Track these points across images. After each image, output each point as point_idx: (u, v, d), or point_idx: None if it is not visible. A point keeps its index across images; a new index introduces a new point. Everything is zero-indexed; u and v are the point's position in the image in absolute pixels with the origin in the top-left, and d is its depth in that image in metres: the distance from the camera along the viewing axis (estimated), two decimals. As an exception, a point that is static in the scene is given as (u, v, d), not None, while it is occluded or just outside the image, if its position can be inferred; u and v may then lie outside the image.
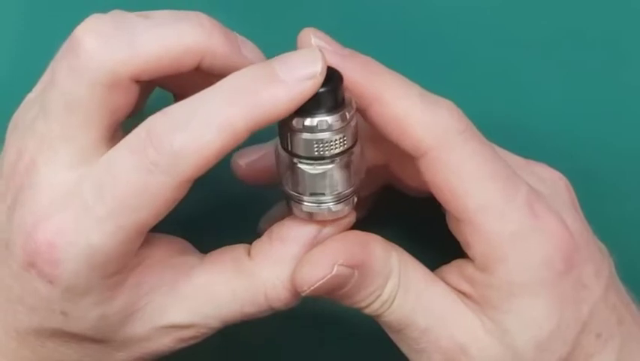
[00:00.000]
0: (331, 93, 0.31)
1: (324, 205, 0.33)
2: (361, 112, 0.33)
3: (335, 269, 0.33)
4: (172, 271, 0.34)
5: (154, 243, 0.34)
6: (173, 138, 0.30)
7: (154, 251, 0.34)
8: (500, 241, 0.33)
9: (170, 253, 0.35)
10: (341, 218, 0.34)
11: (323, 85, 0.31)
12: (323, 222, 0.34)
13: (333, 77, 0.32)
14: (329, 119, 0.32)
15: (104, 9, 0.32)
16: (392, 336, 0.35)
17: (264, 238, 0.34)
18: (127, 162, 0.31)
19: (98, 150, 0.32)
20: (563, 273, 0.33)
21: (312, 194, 0.33)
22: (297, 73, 0.31)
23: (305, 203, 0.33)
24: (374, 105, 0.32)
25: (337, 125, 0.32)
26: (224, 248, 0.35)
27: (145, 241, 0.33)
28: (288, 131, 0.32)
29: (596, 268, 0.34)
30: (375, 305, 0.34)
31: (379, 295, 0.34)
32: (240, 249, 0.35)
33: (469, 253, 0.34)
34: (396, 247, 0.35)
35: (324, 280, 0.33)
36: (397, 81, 0.33)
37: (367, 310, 0.34)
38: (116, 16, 0.32)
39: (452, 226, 0.35)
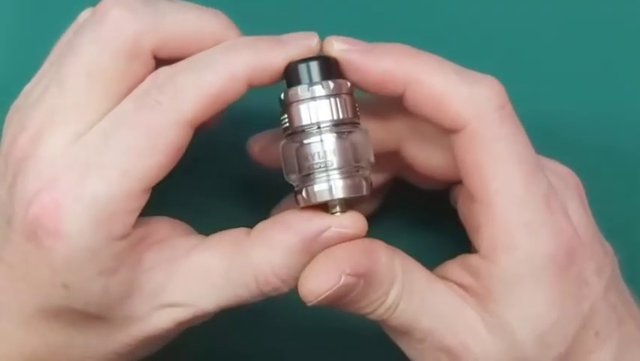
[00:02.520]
0: (324, 64, 0.33)
1: (331, 181, 0.33)
2: (400, 98, 0.33)
3: (342, 280, 0.32)
4: (172, 250, 0.34)
5: (156, 223, 0.35)
6: (176, 78, 0.32)
7: (156, 231, 0.35)
8: (512, 228, 0.33)
9: (171, 233, 0.35)
10: (348, 207, 0.33)
11: (317, 59, 0.33)
12: (330, 207, 0.33)
13: (326, 56, 0.33)
14: (323, 84, 0.33)
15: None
16: (394, 337, 0.35)
17: (269, 220, 0.34)
18: (130, 108, 0.32)
19: None
20: (564, 268, 0.33)
21: (316, 170, 0.33)
22: (296, 40, 0.33)
23: (310, 185, 0.33)
24: (410, 87, 0.33)
25: (331, 90, 0.33)
26: (225, 230, 0.35)
27: (147, 221, 0.34)
28: (287, 106, 0.33)
29: (598, 266, 0.34)
30: (380, 311, 0.34)
31: (384, 301, 0.33)
32: (240, 230, 0.35)
33: (477, 238, 0.34)
34: (398, 251, 0.35)
35: (331, 290, 0.32)
36: (430, 60, 0.33)
37: (372, 316, 0.34)
38: None
39: (464, 210, 0.35)
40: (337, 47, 0.33)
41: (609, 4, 0.42)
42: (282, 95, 0.33)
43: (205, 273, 0.34)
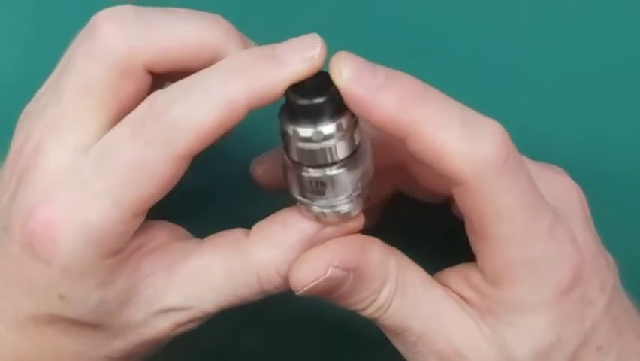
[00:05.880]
0: (331, 101, 0.31)
1: (334, 208, 0.33)
2: (398, 139, 0.32)
3: (329, 271, 0.33)
4: (170, 256, 0.34)
5: (154, 229, 0.35)
6: (171, 110, 0.31)
7: (154, 237, 0.34)
8: (516, 266, 0.33)
9: (169, 239, 0.35)
10: (350, 219, 0.34)
11: (321, 94, 0.31)
12: (332, 224, 0.34)
13: (330, 85, 0.31)
14: (332, 126, 0.31)
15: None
16: (390, 338, 0.35)
17: (266, 219, 0.34)
18: (126, 136, 0.31)
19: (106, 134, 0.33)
20: (569, 291, 0.33)
21: (320, 199, 0.33)
22: (296, 54, 0.31)
23: (314, 207, 0.33)
24: (411, 136, 0.31)
25: (341, 131, 0.32)
26: (223, 231, 0.35)
27: (145, 227, 0.34)
28: (291, 142, 0.32)
29: (602, 282, 0.34)
30: (371, 309, 0.34)
31: (375, 300, 0.34)
32: (238, 231, 0.35)
33: (481, 265, 0.34)
34: (395, 250, 0.34)
35: (317, 281, 0.33)
36: (437, 107, 0.31)
37: (363, 313, 0.34)
38: (137, 7, 0.33)
39: (470, 237, 0.34)
40: (345, 75, 0.31)
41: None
42: (286, 129, 0.32)
43: (204, 275, 0.34)
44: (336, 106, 0.31)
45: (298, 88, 0.31)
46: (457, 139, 0.31)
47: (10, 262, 0.33)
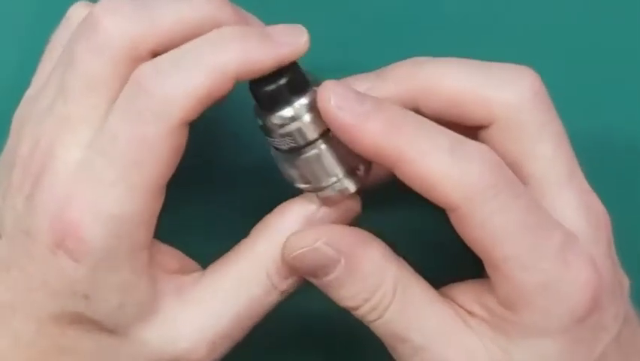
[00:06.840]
0: (295, 79, 0.32)
1: (333, 186, 0.33)
2: (387, 168, 0.32)
3: (317, 243, 0.33)
4: (180, 282, 0.35)
5: (168, 253, 0.35)
6: (163, 82, 0.31)
7: (169, 261, 0.35)
8: (526, 290, 0.32)
9: (180, 267, 0.35)
10: (351, 195, 0.34)
11: (283, 75, 0.32)
12: (334, 202, 0.34)
13: (286, 67, 0.32)
14: (304, 99, 0.32)
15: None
16: (388, 348, 0.35)
17: (265, 217, 0.35)
18: (122, 118, 0.32)
19: None
20: (586, 318, 0.33)
21: (316, 181, 0.33)
22: (285, 37, 0.32)
23: (312, 190, 0.34)
24: (399, 164, 0.31)
25: (313, 102, 0.32)
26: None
27: (162, 249, 0.35)
28: (273, 131, 0.33)
29: (616, 309, 0.34)
30: (364, 310, 0.34)
31: (368, 299, 0.33)
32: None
33: (495, 288, 0.33)
34: (402, 261, 0.34)
35: (304, 249, 0.33)
36: (423, 134, 0.31)
37: (356, 313, 0.34)
38: None
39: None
40: (333, 102, 0.31)
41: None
42: (264, 121, 0.33)
43: (214, 292, 0.34)
44: (303, 82, 0.33)
45: (258, 82, 0.32)
46: (444, 165, 0.31)
47: (35, 264, 0.33)
